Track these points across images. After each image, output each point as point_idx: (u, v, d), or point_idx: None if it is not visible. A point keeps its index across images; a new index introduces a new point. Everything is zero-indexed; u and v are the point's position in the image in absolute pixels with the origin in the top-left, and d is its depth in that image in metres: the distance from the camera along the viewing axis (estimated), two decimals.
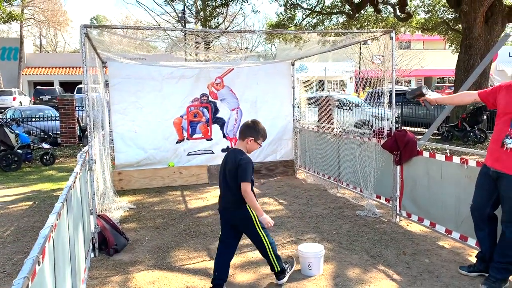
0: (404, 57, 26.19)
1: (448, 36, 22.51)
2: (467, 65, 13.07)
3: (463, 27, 13.51)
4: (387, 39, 5.61)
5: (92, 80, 5.66)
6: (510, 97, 3.58)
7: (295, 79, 8.90)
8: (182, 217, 5.95)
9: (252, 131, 3.67)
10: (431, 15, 20.90)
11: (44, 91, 27.69)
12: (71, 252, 2.97)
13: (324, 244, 4.68)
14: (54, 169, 9.93)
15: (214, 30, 8.28)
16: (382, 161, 5.85)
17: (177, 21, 23.79)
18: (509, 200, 3.54)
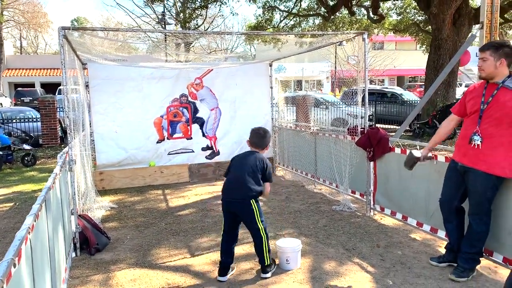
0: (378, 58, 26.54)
1: (419, 37, 22.91)
2: (437, 64, 13.32)
3: (433, 28, 13.76)
4: (360, 40, 5.66)
5: (72, 82, 5.56)
6: (476, 97, 3.66)
7: (273, 79, 8.91)
8: (163, 216, 5.89)
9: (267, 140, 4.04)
10: (403, 17, 21.23)
11: (25, 93, 27.06)
12: (51, 252, 2.91)
13: (301, 238, 4.70)
14: (36, 170, 9.71)
15: (193, 31, 8.22)
16: (356, 158, 5.91)
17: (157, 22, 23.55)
18: (475, 194, 3.62)
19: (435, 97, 13.06)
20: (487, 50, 3.57)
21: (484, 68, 3.58)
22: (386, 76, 40.04)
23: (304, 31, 20.55)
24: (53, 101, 13.19)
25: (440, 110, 12.75)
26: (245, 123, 8.48)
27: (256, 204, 3.83)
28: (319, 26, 20.41)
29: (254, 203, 3.82)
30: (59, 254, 3.37)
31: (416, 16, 21.05)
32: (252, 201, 3.81)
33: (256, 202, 3.84)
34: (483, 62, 3.59)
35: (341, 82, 23.13)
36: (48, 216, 2.89)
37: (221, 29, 34.88)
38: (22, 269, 1.93)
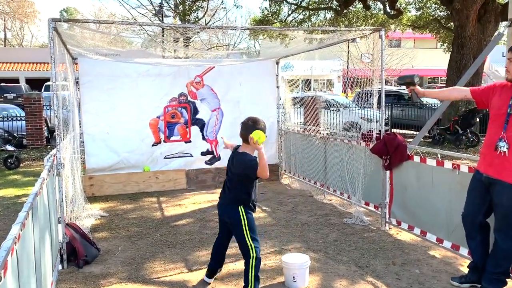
0: (394, 56, 26.57)
1: (439, 35, 22.88)
2: (459, 65, 13.31)
3: (455, 25, 13.76)
4: (376, 37, 5.67)
5: (62, 77, 5.59)
6: (504, 98, 3.65)
7: (280, 78, 8.93)
8: (158, 226, 5.90)
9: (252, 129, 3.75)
10: (423, 12, 21.22)
11: (9, 89, 27.17)
12: (37, 265, 2.92)
13: (309, 254, 4.69)
14: (19, 173, 9.75)
15: (193, 26, 8.27)
16: (371, 166, 5.91)
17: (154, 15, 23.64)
18: (501, 208, 3.61)
19: (457, 101, 13.03)
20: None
21: (510, 70, 3.58)
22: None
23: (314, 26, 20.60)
24: (39, 99, 13.25)
25: (462, 115, 12.73)
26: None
27: (244, 212, 3.72)
28: (330, 21, 20.44)
29: (242, 211, 3.72)
30: (45, 266, 3.38)
31: (437, 12, 21.04)
32: (240, 208, 3.73)
33: (245, 210, 3.73)
34: (510, 63, 3.59)
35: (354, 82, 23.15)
36: (34, 225, 2.90)
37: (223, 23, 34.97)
38: (7, 282, 1.94)
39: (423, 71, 40.54)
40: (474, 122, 12.69)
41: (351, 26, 20.20)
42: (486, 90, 3.87)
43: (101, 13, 45.79)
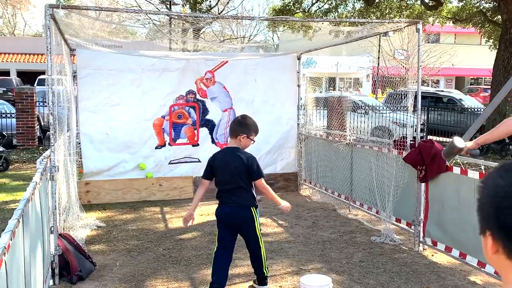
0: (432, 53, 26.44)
1: (484, 29, 22.67)
2: (507, 64, 13.18)
3: (503, 19, 13.63)
4: (412, 31, 5.65)
5: (58, 71, 5.68)
6: None
7: (301, 75, 8.94)
8: (161, 239, 5.94)
9: (243, 127, 4.24)
10: (465, 3, 21.06)
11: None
12: (27, 279, 2.96)
13: (331, 276, 4.67)
14: (8, 177, 9.90)
15: (205, 15, 8.32)
16: (403, 177, 5.87)
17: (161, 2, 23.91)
18: None
19: (504, 105, 12.89)
20: None
21: None
22: (441, 76, 39.71)
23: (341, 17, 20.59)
24: (32, 94, 13.44)
25: None
26: (264, 129, 8.48)
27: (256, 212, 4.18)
28: (360, 12, 20.41)
29: (254, 211, 4.14)
30: (35, 281, 3.43)
31: (483, 3, 20.87)
32: (252, 209, 4.13)
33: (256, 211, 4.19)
34: None
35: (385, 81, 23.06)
36: (25, 234, 2.95)
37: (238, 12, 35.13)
38: None
39: (465, 70, 40.25)
40: None
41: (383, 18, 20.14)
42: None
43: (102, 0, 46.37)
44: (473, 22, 21.85)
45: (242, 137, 4.18)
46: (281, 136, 8.66)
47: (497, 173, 1.14)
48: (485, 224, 1.13)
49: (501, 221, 1.07)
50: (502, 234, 1.08)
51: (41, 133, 13.87)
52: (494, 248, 1.10)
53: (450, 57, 30.83)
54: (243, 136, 4.19)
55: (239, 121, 4.33)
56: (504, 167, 1.15)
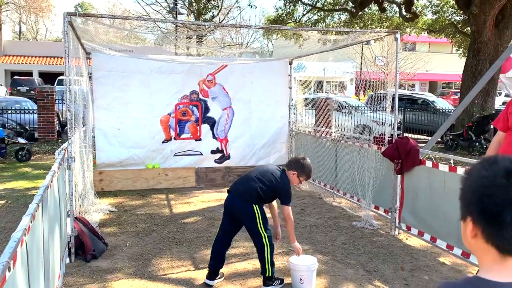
0: (409, 60, 26.43)
1: (455, 39, 22.70)
2: (475, 70, 13.18)
3: (472, 30, 13.62)
4: (391, 40, 5.64)
5: (75, 72, 5.64)
6: None
7: (293, 78, 8.92)
8: (166, 223, 5.93)
9: (298, 166, 4.04)
10: (439, 16, 21.06)
11: (22, 82, 27.46)
12: (45, 257, 2.94)
13: (317, 256, 4.67)
14: (30, 166, 9.85)
15: (207, 23, 8.29)
16: (382, 170, 5.87)
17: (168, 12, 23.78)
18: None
19: (472, 107, 12.91)
20: None
21: None
22: (417, 81, 39.73)
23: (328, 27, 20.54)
24: (52, 92, 13.36)
25: (476, 121, 12.60)
26: (259, 126, 8.53)
27: (259, 208, 3.89)
28: (345, 22, 20.35)
29: (256, 207, 3.87)
30: (53, 259, 3.41)
31: (454, 16, 20.87)
32: (255, 206, 3.87)
33: (259, 207, 3.90)
34: None
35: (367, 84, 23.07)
36: (44, 217, 2.93)
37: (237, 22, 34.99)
38: (17, 273, 1.96)
39: (438, 75, 40.30)
40: (488, 129, 12.54)
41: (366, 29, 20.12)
42: (503, 114, 3.84)
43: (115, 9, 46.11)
44: (445, 32, 21.85)
45: (293, 173, 4.02)
46: (274, 132, 8.65)
47: (481, 165, 1.15)
48: (467, 210, 1.13)
49: (483, 207, 1.09)
50: (483, 220, 1.09)
51: (59, 128, 13.79)
52: (473, 233, 1.11)
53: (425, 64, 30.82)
54: (294, 173, 4.03)
55: (298, 159, 4.13)
56: (487, 161, 1.15)
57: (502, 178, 1.08)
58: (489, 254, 1.11)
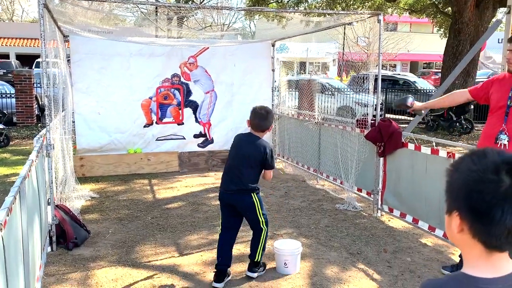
0: (390, 40, 26.47)
1: (436, 20, 22.74)
2: (456, 51, 13.24)
3: (453, 10, 13.65)
4: (375, 22, 5.59)
5: (53, 54, 5.48)
6: (503, 91, 3.62)
7: (275, 60, 8.83)
8: (149, 208, 5.87)
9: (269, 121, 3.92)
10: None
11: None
12: (25, 248, 2.88)
13: (301, 239, 4.69)
14: (8, 152, 9.63)
15: (187, 5, 8.12)
16: (364, 153, 5.88)
17: None
18: None
19: (453, 87, 12.99)
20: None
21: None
22: (398, 61, 39.92)
23: (311, 7, 20.37)
24: (30, 76, 13.05)
25: None
26: (242, 109, 8.42)
27: (257, 196, 3.83)
28: (327, 2, 20.20)
29: (254, 196, 3.81)
30: (33, 249, 3.35)
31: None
32: (253, 194, 3.80)
33: (257, 195, 3.84)
34: (511, 54, 3.54)
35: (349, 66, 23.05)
36: (22, 209, 2.85)
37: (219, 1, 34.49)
38: None
39: (419, 55, 40.51)
40: (468, 109, 12.69)
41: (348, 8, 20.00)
42: (484, 87, 3.84)
43: None
44: (426, 13, 21.85)
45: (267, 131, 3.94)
46: None
47: (470, 158, 1.11)
48: (454, 205, 1.11)
49: (471, 204, 1.06)
50: (471, 215, 1.06)
51: (39, 112, 13.51)
52: (459, 227, 1.09)
53: (406, 44, 30.93)
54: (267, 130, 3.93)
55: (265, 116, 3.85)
56: (477, 154, 1.11)
57: (492, 173, 1.06)
58: (475, 249, 1.09)
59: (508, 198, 1.03)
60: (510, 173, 1.06)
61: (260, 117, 3.85)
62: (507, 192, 1.04)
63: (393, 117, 15.94)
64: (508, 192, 1.04)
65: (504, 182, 1.04)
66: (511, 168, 1.06)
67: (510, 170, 1.06)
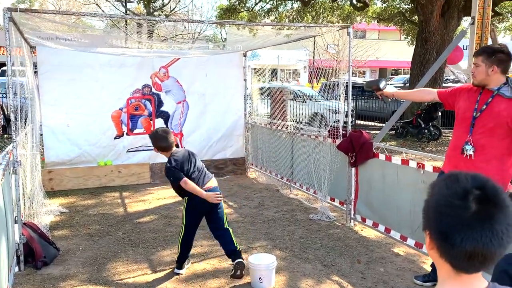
0: (359, 48, 26.87)
1: (404, 28, 23.26)
2: (423, 59, 13.57)
3: (420, 19, 13.99)
4: (345, 34, 5.67)
5: (19, 62, 5.33)
6: (470, 101, 3.70)
7: (247, 69, 8.85)
8: (120, 223, 5.76)
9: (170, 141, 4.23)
10: (388, 5, 21.49)
11: None
12: None
13: (276, 252, 4.69)
14: None
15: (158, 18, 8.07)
16: (337, 162, 5.94)
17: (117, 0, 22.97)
18: None
19: None
20: (480, 56, 3.61)
21: (476, 75, 3.62)
22: (367, 68, 40.60)
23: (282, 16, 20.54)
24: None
25: (424, 109, 13.01)
26: (215, 119, 8.43)
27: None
28: (297, 11, 20.41)
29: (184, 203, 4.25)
30: (0, 270, 3.23)
31: (402, 5, 21.35)
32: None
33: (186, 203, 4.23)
34: (476, 68, 3.63)
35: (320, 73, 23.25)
36: None
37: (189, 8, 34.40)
38: None
39: (387, 62, 41.32)
40: (436, 116, 12.99)
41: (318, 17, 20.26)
42: (452, 93, 3.92)
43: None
44: (394, 21, 22.33)
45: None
46: (230, 125, 8.57)
47: (444, 182, 1.15)
48: (426, 224, 1.16)
49: (439, 226, 1.11)
50: (437, 236, 1.12)
51: (5, 122, 13.12)
52: (430, 246, 1.15)
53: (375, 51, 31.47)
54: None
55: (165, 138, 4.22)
56: (451, 178, 1.15)
57: (459, 199, 1.09)
58: (444, 268, 1.15)
59: (470, 224, 1.07)
60: (479, 199, 1.09)
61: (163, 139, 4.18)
62: (471, 218, 1.07)
63: (364, 123, 16.21)
64: (471, 218, 1.07)
65: (470, 209, 1.08)
66: (480, 194, 1.09)
67: (479, 196, 1.09)
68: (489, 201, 1.08)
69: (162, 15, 21.46)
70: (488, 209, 1.07)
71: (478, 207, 1.07)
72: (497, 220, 1.07)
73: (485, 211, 1.07)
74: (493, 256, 1.08)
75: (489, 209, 1.07)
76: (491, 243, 1.06)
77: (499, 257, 1.10)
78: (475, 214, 1.07)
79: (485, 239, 1.06)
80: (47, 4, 43.00)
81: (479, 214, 1.07)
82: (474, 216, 1.07)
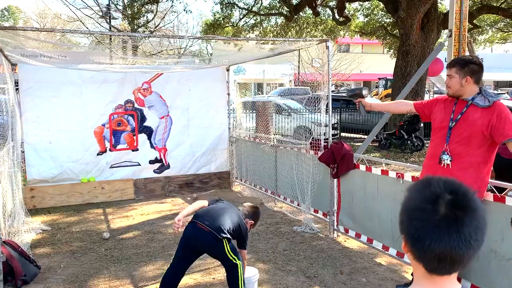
0: (343, 61, 27.16)
1: (386, 41, 23.66)
2: (404, 71, 13.78)
3: (400, 33, 14.24)
4: (324, 48, 5.75)
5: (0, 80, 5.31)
6: (446, 112, 3.77)
7: (232, 82, 8.89)
8: (103, 240, 5.69)
9: (256, 216, 4.07)
10: (370, 19, 21.87)
11: None
12: None
13: (259, 265, 4.68)
14: None
15: (142, 34, 8.09)
16: (319, 174, 5.98)
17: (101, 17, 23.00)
18: None
19: None
20: (453, 67, 3.70)
21: (451, 86, 3.71)
22: (352, 81, 40.96)
23: (266, 31, 20.75)
24: None
25: (407, 120, 13.17)
26: (199, 133, 8.44)
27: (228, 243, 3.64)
28: (281, 26, 20.65)
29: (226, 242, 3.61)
30: None
31: (384, 19, 21.74)
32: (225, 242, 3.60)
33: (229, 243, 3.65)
34: (450, 79, 3.71)
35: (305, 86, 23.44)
36: None
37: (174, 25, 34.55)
38: None
39: (371, 75, 41.80)
40: (418, 127, 13.16)
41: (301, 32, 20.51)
42: (428, 104, 4.00)
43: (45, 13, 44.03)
44: (376, 35, 22.72)
45: (250, 223, 3.97)
46: (214, 139, 8.58)
47: (417, 186, 1.19)
48: (401, 228, 1.19)
49: (410, 229, 1.14)
50: (410, 239, 1.15)
51: None
52: (406, 249, 1.18)
53: (359, 64, 31.84)
54: (251, 223, 3.99)
55: (256, 212, 4.10)
56: (423, 182, 1.18)
57: (429, 203, 1.12)
58: (418, 269, 1.18)
59: (438, 227, 1.09)
60: (450, 203, 1.11)
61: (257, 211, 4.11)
62: (439, 222, 1.09)
63: (348, 135, 16.33)
64: (439, 222, 1.09)
65: (439, 212, 1.10)
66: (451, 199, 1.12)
67: (449, 201, 1.11)
68: (459, 205, 1.10)
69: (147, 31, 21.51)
70: (457, 213, 1.09)
71: (447, 211, 1.09)
72: (465, 224, 1.09)
73: (454, 215, 1.09)
74: (462, 259, 1.10)
75: (458, 213, 1.09)
76: (459, 247, 1.08)
77: (469, 259, 1.12)
78: (443, 218, 1.09)
79: (453, 243, 1.08)
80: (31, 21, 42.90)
81: (447, 218, 1.09)
82: (442, 220, 1.09)
